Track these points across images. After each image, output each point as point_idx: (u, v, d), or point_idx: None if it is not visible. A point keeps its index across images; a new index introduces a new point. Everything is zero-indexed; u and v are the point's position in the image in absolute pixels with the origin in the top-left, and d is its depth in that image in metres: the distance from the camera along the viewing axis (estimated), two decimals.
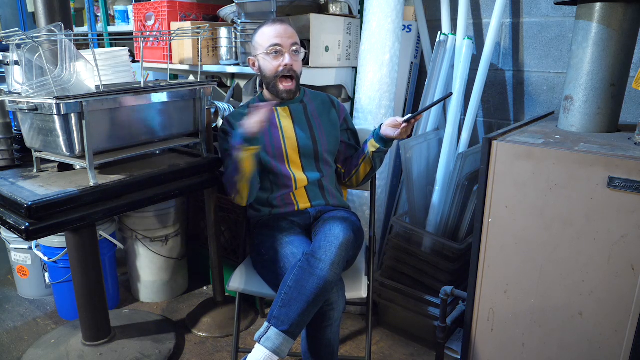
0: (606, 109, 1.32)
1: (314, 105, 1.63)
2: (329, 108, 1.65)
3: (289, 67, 1.49)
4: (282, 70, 1.49)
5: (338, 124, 1.65)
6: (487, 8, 1.97)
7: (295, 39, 1.51)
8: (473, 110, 1.87)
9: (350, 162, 1.65)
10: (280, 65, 1.49)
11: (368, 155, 1.55)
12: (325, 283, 1.24)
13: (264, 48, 1.49)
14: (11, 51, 1.52)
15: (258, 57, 1.53)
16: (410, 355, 1.84)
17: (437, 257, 1.81)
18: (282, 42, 1.48)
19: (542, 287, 1.27)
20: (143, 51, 1.59)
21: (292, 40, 1.50)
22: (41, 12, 1.52)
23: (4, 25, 3.76)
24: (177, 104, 1.61)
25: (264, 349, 1.22)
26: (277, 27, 1.49)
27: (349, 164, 1.66)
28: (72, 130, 1.32)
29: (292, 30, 1.52)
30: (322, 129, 1.60)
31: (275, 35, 1.48)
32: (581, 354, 1.25)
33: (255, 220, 1.62)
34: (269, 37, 1.49)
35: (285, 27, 1.50)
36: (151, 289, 2.21)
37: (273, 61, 1.49)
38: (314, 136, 1.58)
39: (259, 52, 1.52)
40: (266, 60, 1.51)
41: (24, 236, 1.25)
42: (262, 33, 1.51)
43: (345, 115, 1.67)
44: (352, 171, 1.63)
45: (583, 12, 1.29)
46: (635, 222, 1.11)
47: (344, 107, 1.68)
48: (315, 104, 1.63)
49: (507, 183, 1.27)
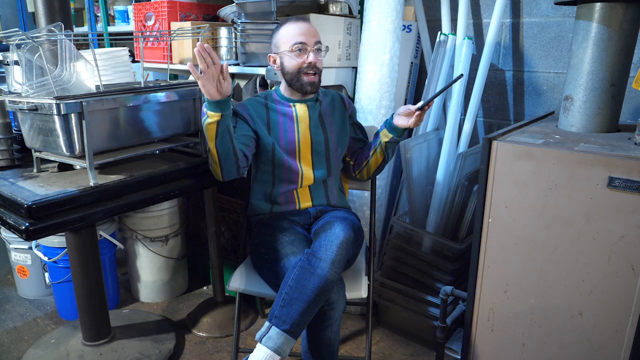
0: (606, 109, 1.32)
1: (325, 102, 1.63)
2: (339, 105, 1.66)
3: (313, 64, 1.50)
4: (306, 67, 1.50)
5: (347, 121, 1.66)
6: (487, 8, 1.97)
7: (319, 37, 1.52)
8: (473, 110, 1.87)
9: (361, 154, 1.65)
10: (304, 62, 1.49)
11: (381, 146, 1.55)
12: (326, 282, 1.24)
13: (288, 45, 1.49)
14: (11, 51, 1.52)
15: (281, 54, 1.52)
16: (410, 355, 1.84)
17: (437, 257, 1.81)
18: (306, 40, 1.48)
19: (542, 287, 1.27)
20: (143, 51, 1.59)
21: (316, 39, 1.51)
22: (41, 12, 1.52)
23: (4, 25, 3.76)
24: (177, 104, 1.61)
25: (265, 349, 1.22)
26: (301, 25, 1.50)
27: (358, 156, 1.66)
28: (72, 130, 1.32)
29: (315, 29, 1.52)
30: (334, 126, 1.61)
31: (300, 33, 1.48)
32: (581, 354, 1.25)
33: (255, 220, 1.62)
34: (294, 35, 1.48)
35: (309, 26, 1.51)
36: (151, 289, 2.21)
37: (297, 58, 1.49)
38: (326, 134, 1.59)
39: (282, 50, 1.51)
40: (290, 57, 1.50)
41: (24, 236, 1.25)
42: (285, 31, 1.51)
43: (351, 111, 1.68)
44: (362, 163, 1.63)
45: (583, 12, 1.29)
46: (635, 222, 1.11)
47: (350, 102, 1.69)
48: (326, 102, 1.64)
49: (507, 183, 1.27)
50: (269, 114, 1.57)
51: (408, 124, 1.46)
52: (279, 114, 1.57)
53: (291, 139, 1.56)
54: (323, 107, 1.62)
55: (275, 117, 1.56)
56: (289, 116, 1.57)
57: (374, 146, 1.58)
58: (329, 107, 1.63)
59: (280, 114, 1.57)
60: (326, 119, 1.61)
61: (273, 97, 1.61)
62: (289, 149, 1.55)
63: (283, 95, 1.59)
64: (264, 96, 1.62)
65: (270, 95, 1.62)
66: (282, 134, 1.55)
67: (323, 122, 1.60)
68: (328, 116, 1.61)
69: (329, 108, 1.63)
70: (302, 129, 1.56)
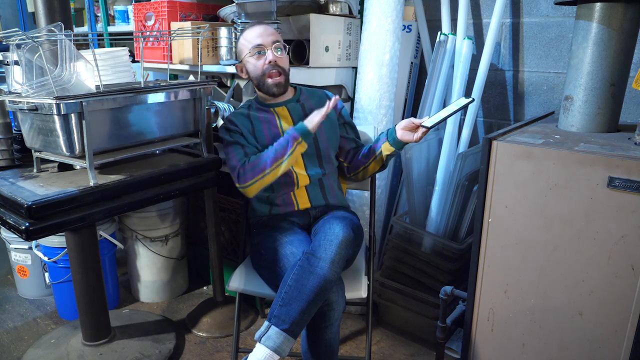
0: (606, 109, 1.32)
1: (311, 103, 1.63)
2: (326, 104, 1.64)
3: (273, 63, 1.51)
4: (267, 67, 1.52)
5: (336, 120, 1.65)
6: (487, 8, 1.97)
7: (277, 37, 1.55)
8: (473, 110, 1.87)
9: (356, 158, 1.64)
10: (264, 64, 1.52)
11: (380, 156, 1.55)
12: (325, 281, 1.24)
13: (247, 49, 1.53)
14: (11, 51, 1.52)
15: (244, 62, 1.56)
16: (410, 355, 1.84)
17: (437, 257, 1.81)
18: (263, 42, 1.51)
19: (542, 287, 1.27)
20: (143, 51, 1.59)
21: (273, 38, 1.53)
22: (41, 12, 1.52)
23: (4, 25, 3.76)
24: (177, 104, 1.61)
25: (265, 348, 1.22)
26: (256, 28, 1.54)
27: (353, 159, 1.65)
28: (72, 130, 1.32)
29: (272, 30, 1.56)
30: (322, 126, 1.59)
31: (256, 35, 1.52)
32: (581, 354, 1.25)
33: (255, 220, 1.62)
34: (251, 38, 1.53)
35: (264, 27, 1.54)
36: (151, 289, 2.21)
37: (257, 61, 1.53)
38: (314, 134, 1.58)
39: (243, 55, 1.55)
40: (251, 62, 1.54)
41: (24, 236, 1.25)
42: (243, 37, 1.56)
43: (341, 109, 1.68)
44: (359, 167, 1.62)
45: (583, 12, 1.29)
46: (635, 222, 1.11)
47: (339, 101, 1.68)
48: (312, 102, 1.63)
49: (507, 183, 1.27)
50: (253, 124, 1.58)
51: (414, 139, 1.46)
52: (261, 122, 1.58)
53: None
54: (309, 108, 1.61)
55: (259, 126, 1.57)
56: (272, 122, 1.57)
57: (373, 155, 1.57)
58: (316, 107, 1.59)
59: (263, 122, 1.58)
60: None
61: (254, 105, 1.62)
62: None
63: (262, 102, 1.61)
64: (246, 106, 1.63)
65: (252, 104, 1.64)
66: (269, 140, 1.54)
67: None
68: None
69: (316, 109, 1.60)
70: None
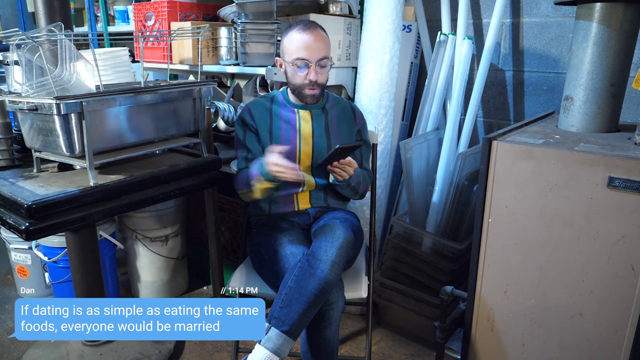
0: (606, 109, 1.32)
1: (334, 112, 1.58)
2: (349, 117, 1.60)
3: (314, 82, 1.45)
4: (307, 83, 1.46)
5: (354, 135, 1.61)
6: (487, 8, 1.96)
7: (325, 52, 1.44)
8: (473, 110, 1.87)
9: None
10: (305, 79, 1.45)
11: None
12: (325, 283, 1.24)
13: (291, 58, 1.43)
14: (11, 51, 1.52)
15: (285, 63, 1.48)
16: (410, 355, 1.84)
17: (437, 257, 1.81)
18: (308, 57, 1.41)
19: (542, 287, 1.27)
20: (143, 51, 1.59)
21: (320, 55, 1.43)
22: (41, 12, 1.52)
23: (4, 25, 3.76)
24: (177, 104, 1.61)
25: (264, 350, 1.22)
26: (305, 38, 1.41)
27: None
28: (72, 130, 1.32)
29: (323, 40, 1.44)
30: (339, 139, 1.56)
31: (303, 47, 1.41)
32: (581, 354, 1.25)
33: (255, 220, 1.62)
34: (297, 49, 1.42)
35: (314, 39, 1.42)
36: (151, 289, 2.21)
37: (298, 73, 1.45)
38: (330, 145, 1.54)
39: (286, 59, 1.46)
40: (292, 70, 1.46)
41: (24, 236, 1.25)
42: (290, 39, 1.44)
43: (361, 126, 1.62)
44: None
45: (583, 12, 1.29)
46: (635, 222, 1.11)
47: (362, 117, 1.64)
48: (336, 112, 1.59)
49: (507, 183, 1.27)
50: (272, 121, 1.53)
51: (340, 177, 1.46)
52: (282, 121, 1.53)
53: (292, 149, 1.52)
54: (331, 117, 1.57)
55: (278, 125, 1.53)
56: (292, 124, 1.53)
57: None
58: (337, 117, 1.58)
59: (283, 122, 1.53)
60: (332, 129, 1.56)
61: (279, 99, 1.57)
62: (290, 157, 1.50)
63: (289, 99, 1.56)
64: (269, 98, 1.58)
65: (276, 97, 1.58)
66: (284, 142, 1.51)
67: (328, 133, 1.55)
68: (334, 127, 1.57)
69: (337, 119, 1.58)
70: (304, 138, 1.53)
